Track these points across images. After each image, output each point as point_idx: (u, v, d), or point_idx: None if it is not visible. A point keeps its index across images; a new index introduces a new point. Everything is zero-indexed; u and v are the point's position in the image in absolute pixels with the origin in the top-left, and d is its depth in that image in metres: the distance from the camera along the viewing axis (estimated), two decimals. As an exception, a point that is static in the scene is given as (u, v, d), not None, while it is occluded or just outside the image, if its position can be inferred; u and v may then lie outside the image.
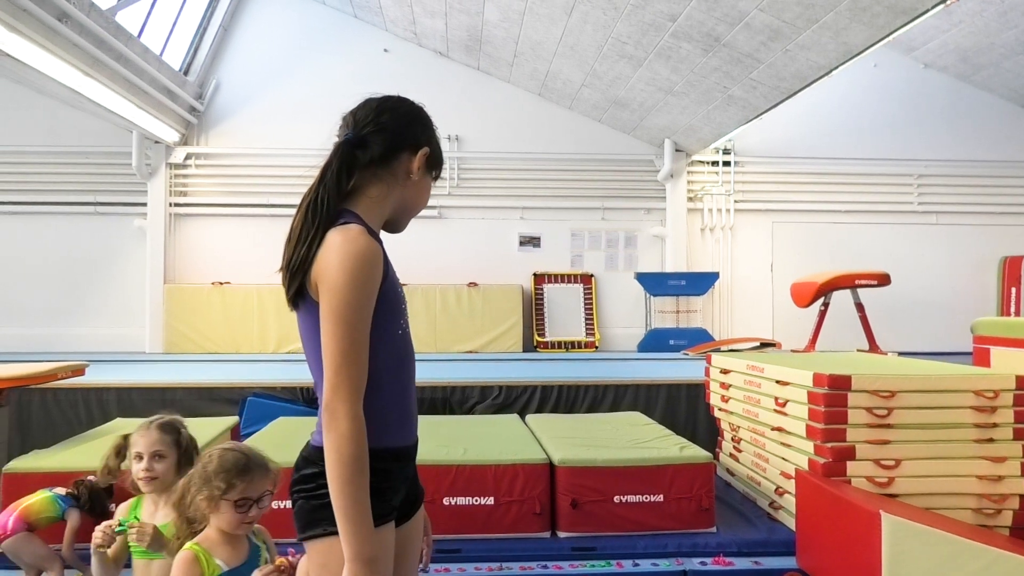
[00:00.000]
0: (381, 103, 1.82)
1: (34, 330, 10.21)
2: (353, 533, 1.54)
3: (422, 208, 1.90)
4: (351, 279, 1.58)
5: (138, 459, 2.66)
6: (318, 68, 10.70)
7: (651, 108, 9.89)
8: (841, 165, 11.13)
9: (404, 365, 1.76)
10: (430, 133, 1.84)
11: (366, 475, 1.57)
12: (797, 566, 3.86)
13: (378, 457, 1.65)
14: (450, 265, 10.44)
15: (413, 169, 1.79)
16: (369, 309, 1.61)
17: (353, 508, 1.54)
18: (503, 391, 6.66)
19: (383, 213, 1.80)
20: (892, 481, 3.82)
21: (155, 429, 2.71)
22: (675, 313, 10.95)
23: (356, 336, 1.58)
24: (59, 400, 6.28)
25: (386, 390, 1.70)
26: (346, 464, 1.55)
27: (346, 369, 1.57)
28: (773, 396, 4.45)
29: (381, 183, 1.78)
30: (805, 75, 7.58)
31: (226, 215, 10.63)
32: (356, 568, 1.54)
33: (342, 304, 1.57)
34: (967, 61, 10.86)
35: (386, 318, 1.68)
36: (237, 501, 2.23)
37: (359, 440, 1.56)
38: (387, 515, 1.69)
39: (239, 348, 10.09)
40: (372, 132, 1.78)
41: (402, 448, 1.76)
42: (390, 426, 1.71)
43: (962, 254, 11.25)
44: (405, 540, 1.82)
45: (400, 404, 1.75)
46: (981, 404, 3.89)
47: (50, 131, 10.34)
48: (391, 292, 1.70)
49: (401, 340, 1.75)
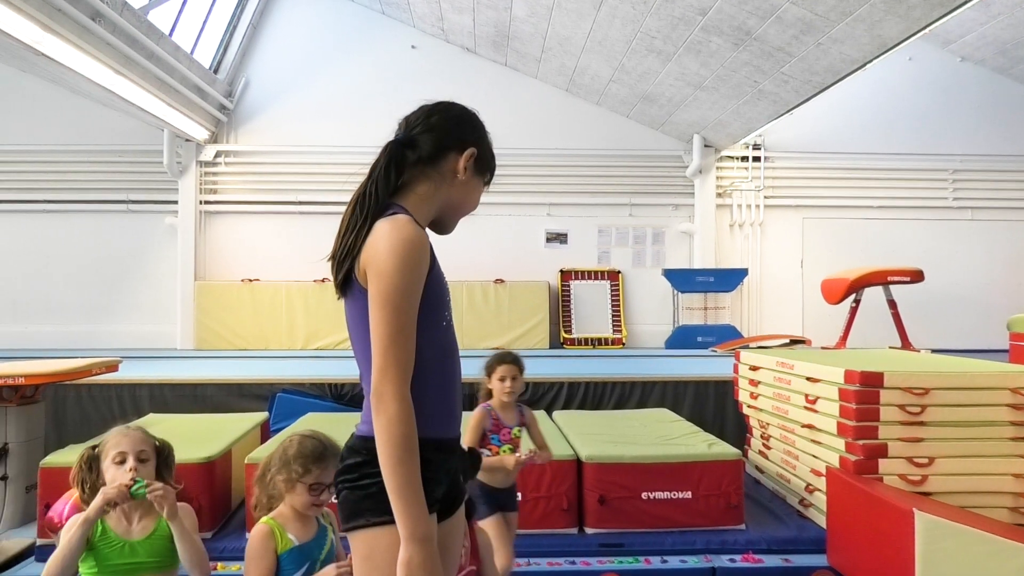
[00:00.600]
0: (433, 106, 1.87)
1: (68, 327, 10.38)
2: (406, 512, 1.55)
3: (470, 210, 1.92)
4: (400, 264, 1.60)
5: (119, 462, 2.49)
6: (346, 65, 10.75)
7: (680, 103, 9.82)
8: (874, 160, 10.97)
9: (448, 357, 1.77)
10: (479, 136, 1.88)
11: (416, 455, 1.57)
12: (828, 564, 3.81)
13: (423, 447, 1.66)
14: (477, 261, 10.45)
15: (460, 169, 1.82)
16: (417, 295, 1.63)
17: (406, 488, 1.55)
18: (530, 388, 6.64)
19: (430, 210, 1.83)
20: (925, 479, 3.76)
21: (137, 430, 2.59)
22: (703, 310, 10.87)
23: (404, 320, 1.60)
24: (93, 396, 6.38)
25: (429, 380, 1.71)
26: (396, 444, 1.56)
27: (394, 352, 1.59)
28: (803, 393, 4.40)
29: (429, 181, 1.81)
30: (838, 69, 7.48)
31: (255, 212, 10.72)
32: (412, 548, 1.54)
33: (390, 288, 1.60)
34: (1005, 54, 10.66)
35: (431, 309, 1.70)
36: (312, 485, 2.42)
37: (408, 421, 1.57)
38: (429, 506, 1.67)
39: (268, 344, 10.18)
40: (421, 132, 1.82)
41: (444, 440, 1.76)
42: (432, 417, 1.71)
43: (998, 250, 11.05)
44: (447, 536, 1.82)
45: (443, 396, 1.75)
46: (1018, 402, 3.82)
47: (83, 130, 10.49)
48: (436, 284, 1.72)
49: (445, 332, 1.76)
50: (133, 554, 2.42)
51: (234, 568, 3.78)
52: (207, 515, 4.16)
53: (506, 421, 3.41)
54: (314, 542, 2.44)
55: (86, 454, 2.58)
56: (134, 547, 2.43)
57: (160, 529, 2.48)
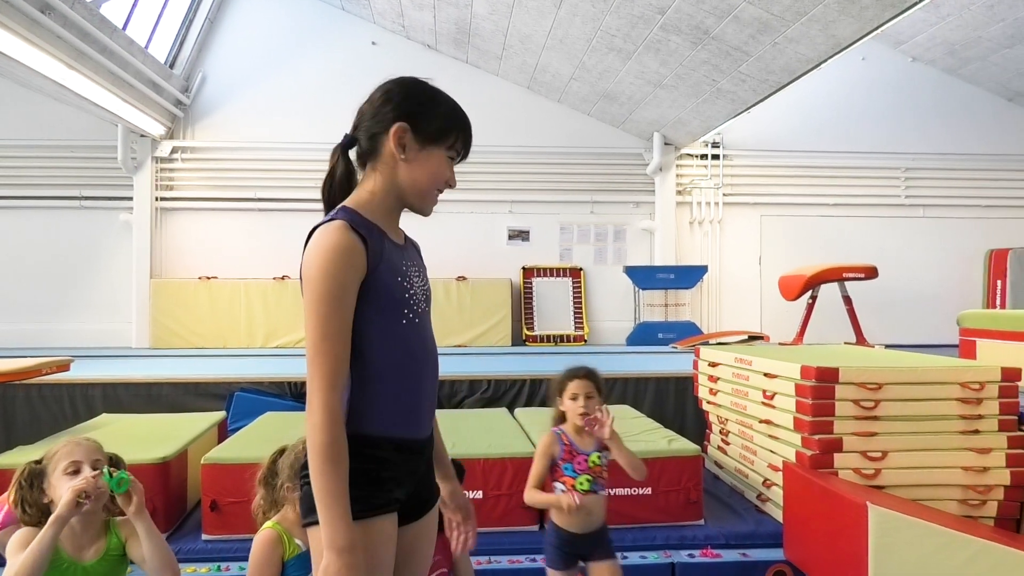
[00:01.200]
0: (368, 95, 1.83)
1: (18, 326, 10.13)
2: (326, 521, 1.55)
3: (436, 186, 1.81)
4: (321, 272, 1.60)
5: (73, 472, 2.28)
6: (305, 61, 10.64)
7: (640, 101, 9.89)
8: (829, 158, 11.15)
9: (411, 356, 1.74)
10: (409, 106, 1.77)
11: (339, 465, 1.57)
12: (784, 558, 3.87)
13: (376, 445, 1.67)
14: (438, 259, 10.37)
15: (393, 149, 1.75)
16: (344, 300, 1.61)
17: (326, 496, 1.56)
18: (492, 385, 6.65)
19: (387, 203, 1.78)
20: (879, 473, 3.83)
21: (88, 439, 2.41)
22: (664, 306, 10.96)
23: (329, 328, 1.60)
24: (44, 396, 6.23)
25: (389, 380, 1.69)
26: (316, 453, 1.56)
27: (318, 360, 1.59)
28: (761, 389, 4.46)
29: (376, 174, 1.77)
30: (794, 68, 7.58)
31: (213, 209, 10.56)
32: (329, 556, 1.54)
33: (314, 296, 1.60)
34: (955, 55, 10.90)
35: (381, 309, 1.68)
36: None
37: (330, 430, 1.56)
38: (385, 506, 1.67)
39: (226, 343, 10.04)
40: (356, 127, 1.80)
41: (407, 440, 1.74)
42: (394, 416, 1.70)
43: (949, 247, 11.30)
44: (413, 539, 1.80)
45: (406, 395, 1.73)
46: (967, 396, 3.91)
47: (34, 124, 10.24)
48: (387, 283, 1.69)
49: (406, 331, 1.72)
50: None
51: (189, 571, 3.72)
52: (162, 516, 4.09)
53: (581, 447, 3.04)
54: None
55: (27, 469, 2.32)
56: (87, 570, 2.26)
57: (111, 548, 2.31)
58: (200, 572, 3.73)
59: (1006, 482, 3.85)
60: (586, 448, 3.01)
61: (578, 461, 2.99)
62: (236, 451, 4.24)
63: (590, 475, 2.97)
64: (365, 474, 1.63)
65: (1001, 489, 3.86)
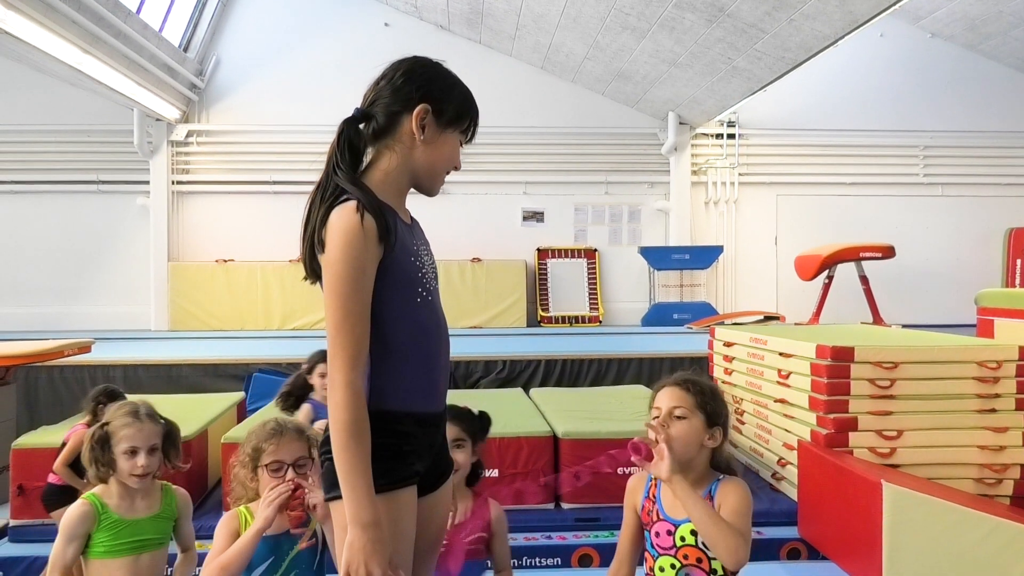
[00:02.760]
0: (384, 72, 1.82)
1: (39, 309, 10.25)
2: (350, 497, 1.58)
3: (447, 167, 1.84)
4: (340, 254, 1.62)
5: (130, 454, 2.38)
6: (318, 43, 10.63)
7: (655, 80, 9.82)
8: (846, 137, 11.05)
9: (427, 333, 1.77)
10: (432, 88, 1.78)
11: (363, 442, 1.60)
12: (799, 536, 3.89)
13: (400, 420, 1.70)
14: (453, 241, 10.42)
15: (414, 130, 1.75)
16: (363, 282, 1.64)
17: (350, 474, 1.59)
18: (507, 365, 6.68)
19: (400, 181, 1.79)
20: (894, 452, 3.84)
21: (147, 420, 2.46)
22: (679, 287, 10.94)
23: (350, 308, 1.62)
24: (66, 377, 6.32)
25: (408, 357, 1.73)
26: (340, 431, 1.59)
27: (340, 340, 1.62)
28: (776, 368, 4.46)
29: (391, 152, 1.78)
30: (810, 45, 7.50)
31: (229, 192, 10.61)
32: (354, 532, 1.58)
33: (334, 278, 1.63)
34: (974, 30, 10.75)
35: (397, 288, 1.71)
36: (269, 464, 2.28)
37: (352, 408, 1.59)
38: (408, 478, 1.71)
39: (244, 325, 10.12)
40: (372, 102, 1.79)
41: (426, 414, 1.77)
42: (412, 391, 1.73)
43: (968, 226, 11.19)
44: (430, 510, 1.84)
45: (424, 371, 1.76)
46: (983, 375, 3.90)
47: (51, 110, 10.30)
48: (401, 263, 1.71)
49: (420, 309, 1.75)
50: (140, 531, 2.39)
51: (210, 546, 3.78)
52: (183, 496, 4.15)
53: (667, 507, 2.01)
54: (285, 536, 2.27)
55: (96, 433, 2.42)
56: (140, 525, 2.40)
57: (163, 511, 2.46)
58: (221, 549, 3.79)
59: (1022, 461, 3.85)
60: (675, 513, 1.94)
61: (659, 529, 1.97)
62: (255, 431, 4.29)
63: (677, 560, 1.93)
64: (388, 448, 1.66)
65: (1018, 468, 3.86)
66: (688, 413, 1.97)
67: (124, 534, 2.37)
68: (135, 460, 2.38)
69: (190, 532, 2.57)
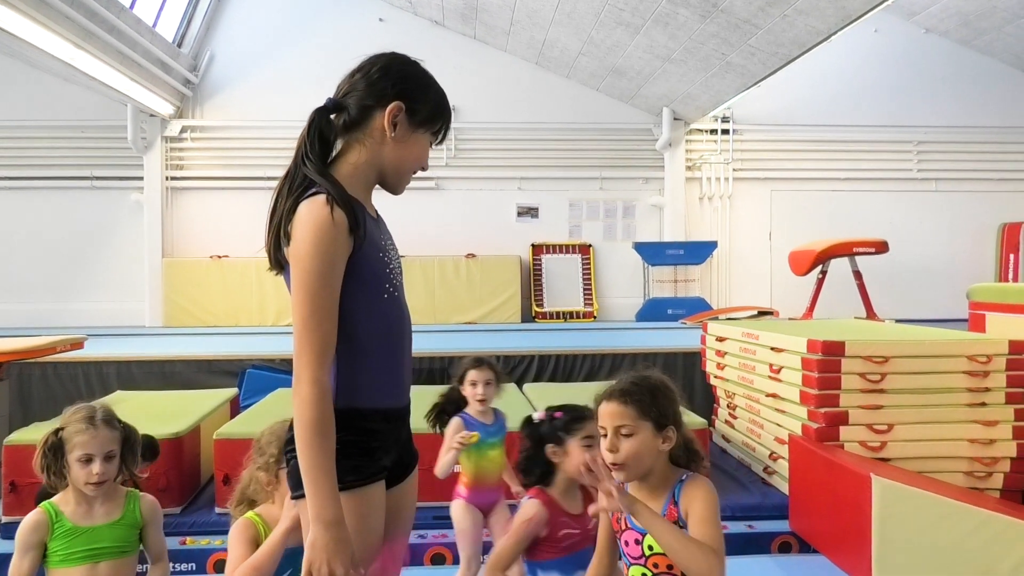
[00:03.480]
0: (360, 65, 1.81)
1: (33, 305, 10.23)
2: (313, 495, 1.57)
3: (415, 168, 1.81)
4: (310, 249, 1.61)
5: (85, 462, 2.28)
6: (312, 38, 10.60)
7: (649, 76, 9.82)
8: (840, 132, 11.06)
9: (392, 330, 1.77)
10: (406, 87, 1.76)
11: (327, 440, 1.59)
12: (790, 529, 3.90)
13: (368, 417, 1.70)
14: (448, 236, 10.43)
15: (385, 126, 1.73)
16: (331, 277, 1.63)
17: (313, 471, 1.57)
18: (501, 361, 6.67)
19: (368, 176, 1.78)
20: (884, 445, 3.85)
21: (103, 426, 2.34)
22: (673, 282, 10.95)
23: (318, 303, 1.61)
24: (59, 374, 6.31)
25: (375, 354, 1.72)
26: (304, 428, 1.58)
27: (307, 336, 1.61)
28: (768, 363, 4.47)
29: (360, 146, 1.77)
30: (804, 41, 7.51)
31: (223, 188, 10.60)
32: (317, 531, 1.57)
33: (303, 273, 1.62)
34: (968, 25, 10.76)
35: (365, 285, 1.70)
36: None
37: (318, 405, 1.58)
38: (376, 474, 1.71)
39: (238, 321, 10.11)
40: (345, 94, 1.78)
41: (392, 409, 1.78)
42: (380, 388, 1.73)
43: (961, 221, 11.22)
44: (398, 503, 1.85)
45: (389, 367, 1.76)
46: (974, 369, 3.92)
47: (44, 105, 10.28)
48: (370, 259, 1.71)
49: (388, 305, 1.75)
50: (96, 539, 2.31)
51: (203, 543, 3.80)
52: (176, 490, 4.16)
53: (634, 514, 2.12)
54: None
55: (49, 440, 2.34)
56: (97, 532, 2.32)
57: (124, 518, 2.37)
58: (214, 544, 3.81)
59: (1012, 454, 3.87)
60: None
61: (627, 538, 1.88)
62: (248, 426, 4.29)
63: (648, 569, 1.84)
64: (357, 445, 1.66)
65: (1007, 461, 3.88)
66: (634, 427, 1.83)
67: (79, 542, 2.29)
68: (90, 468, 2.28)
69: (160, 541, 2.46)
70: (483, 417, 3.31)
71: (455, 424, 3.29)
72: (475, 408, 3.32)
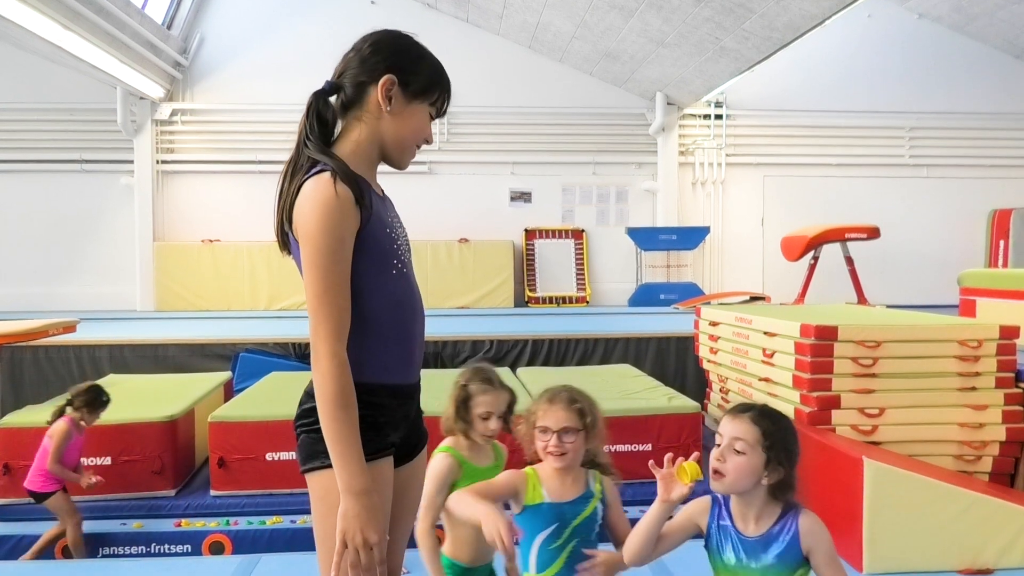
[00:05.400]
0: (354, 44, 1.83)
1: (23, 289, 10.17)
2: (341, 467, 1.60)
3: (417, 139, 1.81)
4: (319, 226, 1.62)
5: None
6: (304, 21, 10.53)
7: (642, 60, 9.80)
8: (833, 118, 11.07)
9: (402, 305, 1.78)
10: (398, 60, 1.77)
11: (351, 411, 1.61)
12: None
13: (374, 392, 1.71)
14: (441, 221, 10.40)
15: (380, 101, 1.74)
16: (342, 252, 1.64)
17: (340, 443, 1.60)
18: (494, 345, 6.70)
19: (371, 154, 1.79)
20: (876, 429, 3.88)
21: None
22: (666, 268, 10.97)
23: (331, 279, 1.63)
24: (51, 357, 6.30)
25: (383, 329, 1.74)
26: (327, 401, 1.60)
27: (323, 311, 1.63)
28: (761, 347, 4.50)
29: (361, 124, 1.78)
30: (798, 25, 7.50)
31: (214, 172, 10.54)
32: (348, 501, 1.59)
33: (313, 250, 1.63)
34: (961, 11, 10.76)
35: (373, 260, 1.71)
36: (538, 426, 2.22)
37: (339, 378, 1.60)
38: (384, 449, 1.73)
39: (231, 305, 10.09)
40: (341, 74, 1.80)
41: (401, 386, 1.79)
42: (387, 364, 1.74)
43: (952, 207, 11.26)
44: (406, 481, 1.86)
45: (399, 343, 1.77)
46: (964, 353, 3.95)
47: (33, 88, 10.18)
48: (377, 234, 1.72)
49: (396, 281, 1.76)
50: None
51: (198, 524, 3.81)
52: (170, 473, 4.17)
53: None
54: (569, 504, 2.11)
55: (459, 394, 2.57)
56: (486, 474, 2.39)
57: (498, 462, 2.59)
58: (209, 526, 3.82)
59: (1001, 438, 3.91)
60: None
61: None
62: (242, 410, 4.31)
63: None
64: (364, 420, 1.66)
65: (996, 445, 3.92)
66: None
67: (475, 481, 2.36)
68: (487, 424, 2.51)
69: None
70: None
71: None
72: None
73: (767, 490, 1.91)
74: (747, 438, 1.88)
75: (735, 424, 1.91)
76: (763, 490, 1.91)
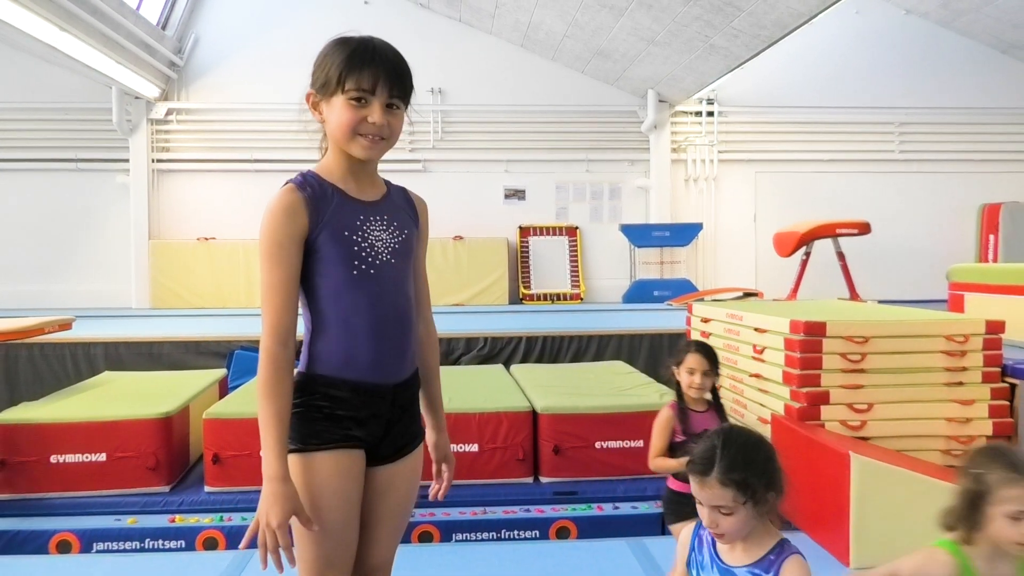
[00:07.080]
0: None
1: (19, 287, 10.18)
2: (263, 453, 1.74)
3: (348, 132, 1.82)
4: (262, 231, 1.79)
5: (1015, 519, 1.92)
6: (298, 20, 10.54)
7: (634, 58, 9.84)
8: (823, 114, 11.12)
9: (360, 307, 1.84)
10: (313, 71, 1.90)
11: (274, 402, 1.74)
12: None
13: (335, 385, 1.83)
14: (435, 219, 10.00)
15: (311, 112, 1.90)
16: (282, 256, 1.78)
17: (262, 430, 1.74)
18: (488, 342, 6.74)
19: (340, 161, 1.89)
20: (864, 424, 3.93)
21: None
22: (659, 264, 11.03)
23: (270, 280, 1.78)
24: (47, 355, 6.33)
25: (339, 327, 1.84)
26: (257, 392, 1.77)
27: (263, 309, 1.79)
28: (751, 343, 4.54)
29: (322, 134, 1.94)
30: (786, 22, 7.54)
31: (210, 170, 10.56)
32: (264, 485, 1.73)
33: (260, 253, 1.81)
34: (948, 7, 10.81)
35: (328, 264, 1.82)
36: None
37: (265, 371, 1.75)
38: (337, 441, 1.82)
39: (226, 303, 10.11)
40: None
41: (365, 384, 1.85)
42: (350, 361, 1.84)
43: (942, 202, 11.32)
44: (387, 480, 1.92)
45: (363, 341, 1.84)
46: (951, 348, 4.00)
47: (28, 87, 10.18)
48: (335, 239, 1.82)
49: (359, 283, 1.83)
50: None
51: (192, 520, 3.85)
52: (165, 470, 4.21)
53: None
54: None
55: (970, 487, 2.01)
56: None
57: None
58: (203, 522, 3.85)
59: (988, 432, 3.96)
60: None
61: None
62: (237, 406, 4.34)
63: None
64: (319, 410, 1.81)
65: (983, 439, 3.96)
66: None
67: None
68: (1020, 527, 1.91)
69: None
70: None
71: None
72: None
73: None
74: (725, 502, 1.81)
75: (706, 492, 1.82)
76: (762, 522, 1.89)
